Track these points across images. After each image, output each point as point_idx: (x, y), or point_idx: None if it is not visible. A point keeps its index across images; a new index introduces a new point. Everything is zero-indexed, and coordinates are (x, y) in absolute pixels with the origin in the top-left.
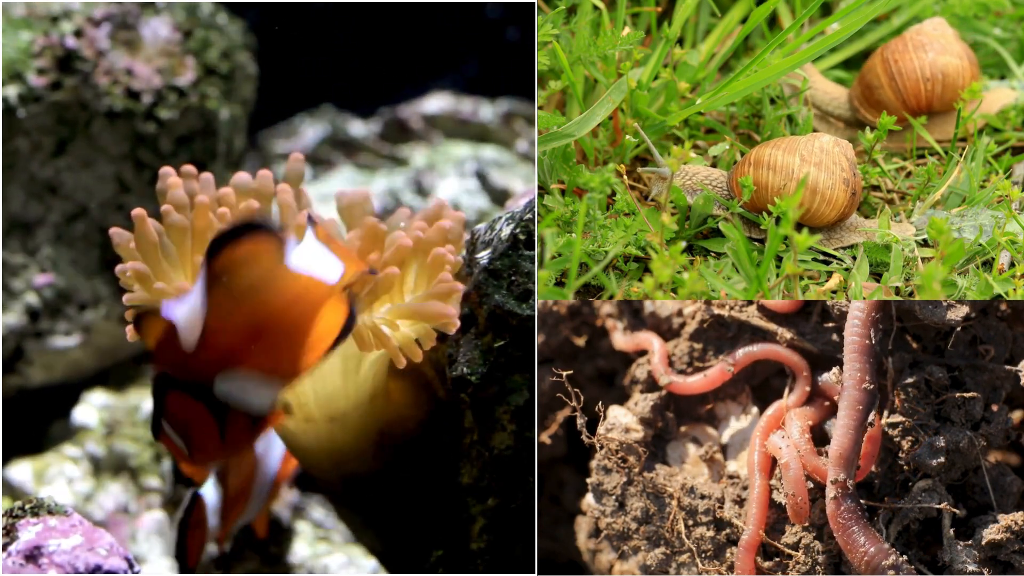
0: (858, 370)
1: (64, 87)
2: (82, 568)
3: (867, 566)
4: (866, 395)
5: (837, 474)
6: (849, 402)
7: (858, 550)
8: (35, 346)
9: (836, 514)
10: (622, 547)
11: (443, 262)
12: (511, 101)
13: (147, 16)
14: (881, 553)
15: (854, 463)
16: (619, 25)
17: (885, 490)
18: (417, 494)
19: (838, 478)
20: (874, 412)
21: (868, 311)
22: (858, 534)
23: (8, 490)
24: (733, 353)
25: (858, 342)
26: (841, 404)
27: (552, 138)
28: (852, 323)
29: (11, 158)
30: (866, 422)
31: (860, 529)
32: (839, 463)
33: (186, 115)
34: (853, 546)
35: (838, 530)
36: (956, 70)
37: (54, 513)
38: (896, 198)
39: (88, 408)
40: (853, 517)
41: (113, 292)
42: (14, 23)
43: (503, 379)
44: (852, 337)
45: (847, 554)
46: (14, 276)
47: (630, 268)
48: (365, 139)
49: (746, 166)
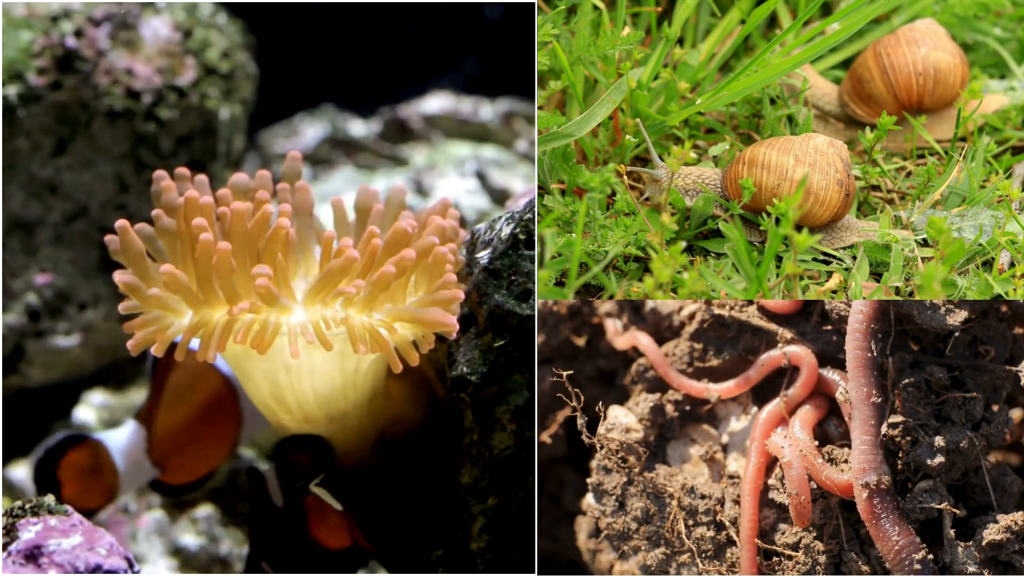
0: (864, 385)
1: (64, 87)
2: (82, 568)
3: (897, 556)
4: (876, 409)
5: (867, 478)
6: (862, 420)
7: (890, 539)
8: (35, 346)
9: (869, 505)
10: (622, 547)
11: (444, 260)
12: (511, 101)
13: (147, 16)
14: (913, 546)
15: (880, 470)
16: (619, 25)
17: None
18: (417, 494)
19: (868, 481)
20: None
21: (867, 321)
22: (891, 525)
23: (8, 490)
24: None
25: (860, 356)
26: (854, 424)
27: (552, 138)
28: (853, 336)
29: (11, 158)
30: (881, 433)
31: (893, 521)
32: (863, 475)
33: (186, 115)
34: (884, 537)
35: (870, 519)
36: (948, 66)
37: (54, 513)
38: (896, 198)
39: (88, 408)
40: (886, 508)
41: (113, 292)
42: (14, 23)
43: (503, 379)
44: (854, 351)
45: (877, 543)
46: (14, 276)
47: (630, 268)
48: (365, 139)
49: (740, 165)
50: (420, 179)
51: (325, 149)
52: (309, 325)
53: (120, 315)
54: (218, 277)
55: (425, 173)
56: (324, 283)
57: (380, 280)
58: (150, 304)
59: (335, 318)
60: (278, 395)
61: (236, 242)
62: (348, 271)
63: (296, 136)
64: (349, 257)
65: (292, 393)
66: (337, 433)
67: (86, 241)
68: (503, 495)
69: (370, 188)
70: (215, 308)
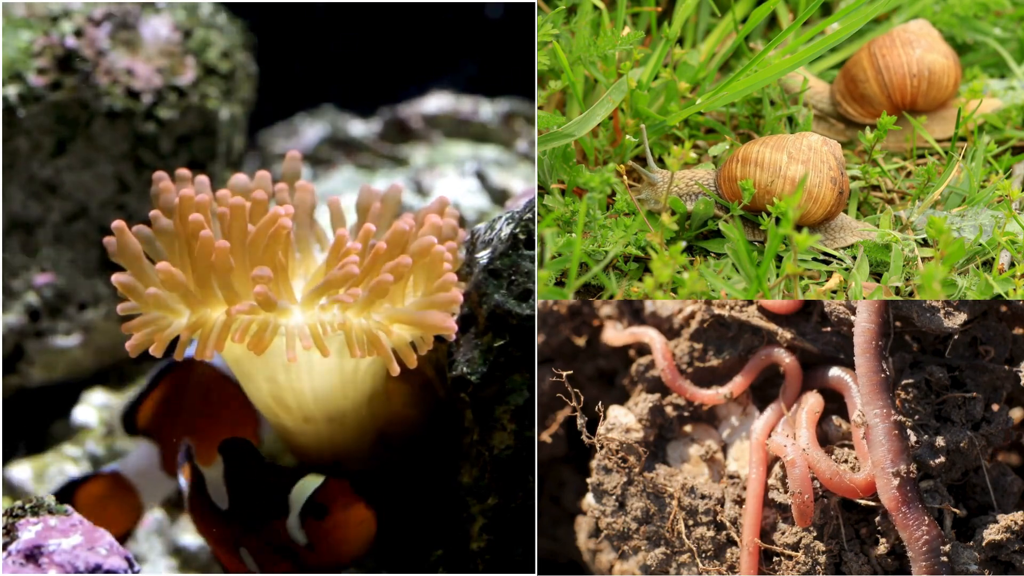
0: (881, 407)
1: (64, 87)
2: (82, 568)
3: (926, 546)
4: (898, 425)
5: (898, 466)
6: (887, 435)
7: (919, 529)
8: (35, 346)
9: (901, 493)
10: (622, 547)
11: (442, 259)
12: (511, 101)
13: (147, 16)
14: (940, 538)
15: (910, 459)
16: (619, 25)
17: None
18: (417, 494)
19: (899, 469)
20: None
21: (873, 340)
22: (919, 515)
23: (8, 490)
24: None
25: (872, 378)
26: (874, 441)
27: (552, 138)
28: (862, 357)
29: (11, 158)
30: (909, 443)
31: (921, 511)
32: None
33: (186, 115)
34: (913, 526)
35: (898, 507)
36: (942, 68)
37: (54, 513)
38: (896, 198)
39: (88, 408)
40: (915, 498)
41: (113, 292)
42: (14, 23)
43: (503, 379)
44: (867, 375)
45: (903, 532)
46: (14, 276)
47: (630, 268)
48: (365, 139)
49: (734, 163)
50: (420, 179)
51: (325, 149)
52: (307, 328)
53: (120, 316)
54: (216, 276)
55: (425, 173)
56: (323, 290)
57: (378, 287)
58: (148, 305)
59: (333, 322)
60: (277, 395)
61: (235, 241)
62: (348, 281)
63: (296, 136)
64: (349, 272)
65: (291, 392)
66: (336, 433)
67: (86, 241)
68: (503, 495)
69: (372, 188)
70: (213, 308)
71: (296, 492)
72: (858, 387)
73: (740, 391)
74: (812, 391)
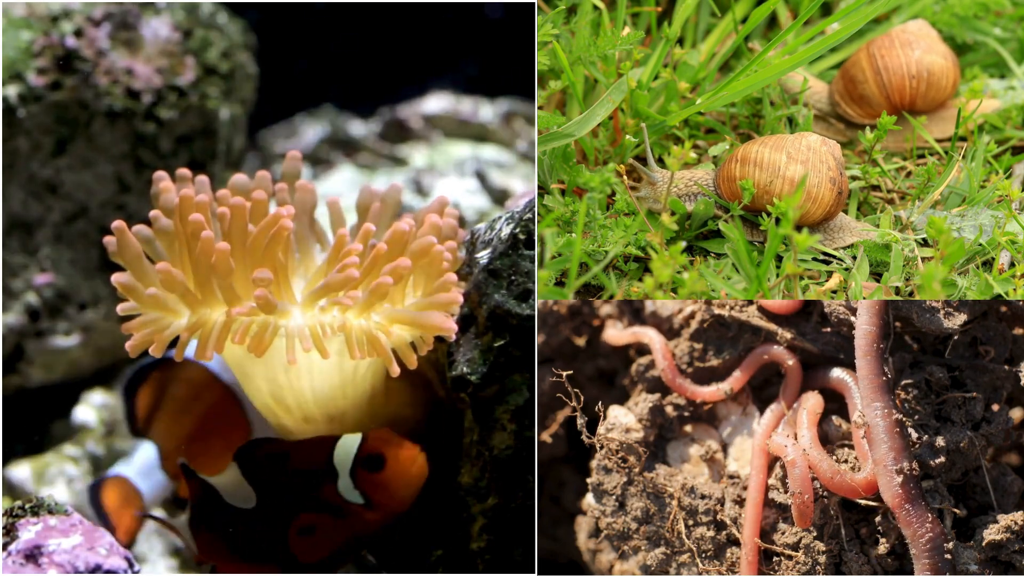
0: (882, 406)
1: (64, 87)
2: (82, 567)
3: (930, 544)
4: (899, 424)
5: (901, 463)
6: (888, 433)
7: (922, 527)
8: (35, 346)
9: (904, 491)
10: (622, 547)
11: (441, 259)
12: (511, 101)
13: (147, 16)
14: (943, 536)
15: (912, 457)
16: (619, 25)
17: None
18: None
19: (903, 467)
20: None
21: (874, 342)
22: (922, 513)
23: (8, 490)
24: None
25: (873, 380)
26: (876, 439)
27: (552, 138)
28: (863, 359)
29: (11, 158)
30: (911, 440)
31: (924, 508)
32: (896, 462)
33: (186, 115)
34: (917, 524)
35: (901, 505)
36: (941, 70)
37: (54, 513)
38: (896, 198)
39: (88, 408)
40: (918, 496)
41: (113, 292)
42: (14, 23)
43: (503, 379)
44: (868, 376)
45: (906, 530)
46: (14, 276)
47: (630, 268)
48: (365, 139)
49: (733, 163)
50: (420, 179)
51: (325, 149)
52: (306, 330)
53: (120, 316)
54: (217, 277)
55: (425, 173)
56: (323, 292)
57: (377, 289)
58: (147, 305)
59: (332, 324)
60: (277, 395)
61: (235, 241)
62: (347, 284)
63: (296, 136)
64: (349, 276)
65: (291, 392)
66: (336, 432)
67: (86, 241)
68: (503, 495)
69: (372, 188)
70: (213, 308)
71: (340, 453)
72: (859, 388)
73: (739, 386)
74: (812, 391)
